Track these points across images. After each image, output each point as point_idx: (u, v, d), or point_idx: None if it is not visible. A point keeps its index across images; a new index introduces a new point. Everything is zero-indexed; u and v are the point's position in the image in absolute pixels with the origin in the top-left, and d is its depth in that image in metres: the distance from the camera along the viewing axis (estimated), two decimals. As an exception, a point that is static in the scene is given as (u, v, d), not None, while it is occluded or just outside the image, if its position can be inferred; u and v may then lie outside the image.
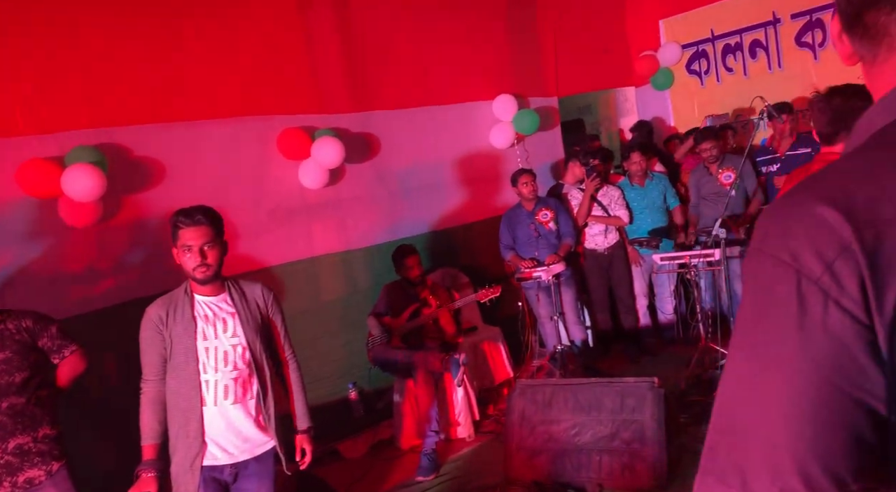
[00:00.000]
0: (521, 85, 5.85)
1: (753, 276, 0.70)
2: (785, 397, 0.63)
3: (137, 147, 3.85)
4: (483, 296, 4.71)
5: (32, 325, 2.72)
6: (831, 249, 0.63)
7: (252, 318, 2.72)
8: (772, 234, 0.69)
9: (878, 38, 0.74)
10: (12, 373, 2.60)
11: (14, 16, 3.39)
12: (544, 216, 5.18)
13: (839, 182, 0.66)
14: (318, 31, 4.65)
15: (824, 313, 0.63)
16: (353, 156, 4.69)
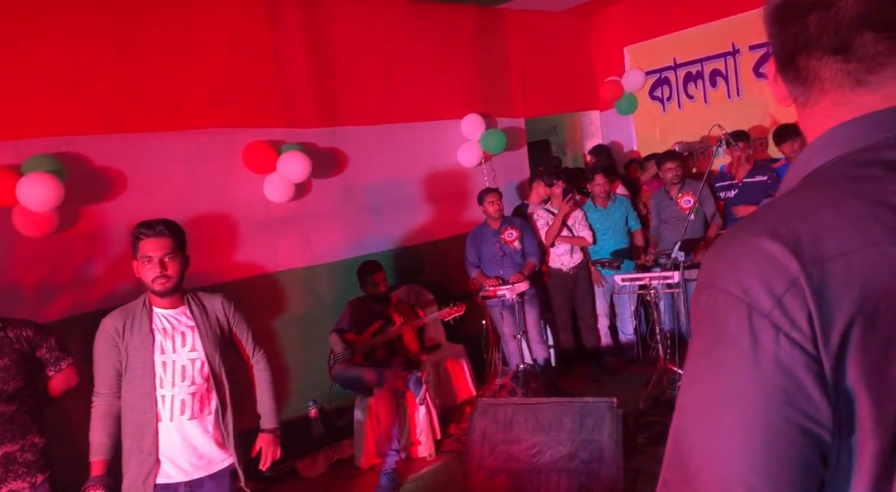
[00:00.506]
0: (489, 105, 5.92)
1: (704, 310, 0.71)
2: (738, 429, 0.65)
3: (98, 157, 3.78)
4: (447, 314, 4.72)
5: (33, 335, 2.70)
6: (780, 284, 0.65)
7: (212, 331, 2.68)
8: (721, 269, 0.70)
9: (810, 82, 0.76)
10: (7, 381, 2.57)
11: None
12: (510, 235, 5.23)
13: (783, 220, 0.69)
14: (287, 44, 4.65)
15: (776, 347, 0.64)
16: (319, 171, 4.68)
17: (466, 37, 5.81)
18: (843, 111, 0.75)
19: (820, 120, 0.77)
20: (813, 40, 0.73)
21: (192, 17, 4.18)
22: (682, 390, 0.72)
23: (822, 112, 0.77)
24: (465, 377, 5.29)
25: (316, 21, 4.81)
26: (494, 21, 6.02)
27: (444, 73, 5.61)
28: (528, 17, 6.24)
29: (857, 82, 0.73)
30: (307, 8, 4.75)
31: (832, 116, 0.76)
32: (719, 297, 0.69)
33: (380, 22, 5.18)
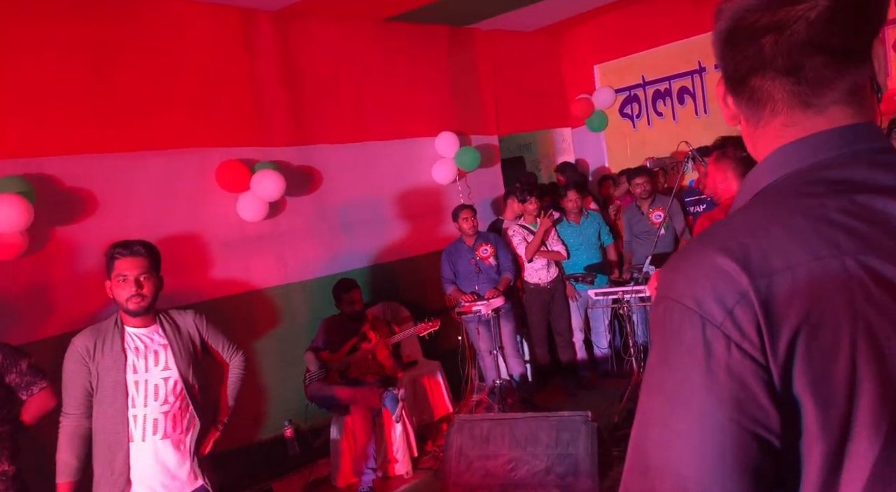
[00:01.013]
0: (462, 123, 5.99)
1: (661, 322, 0.74)
2: (693, 434, 0.68)
3: (68, 178, 3.75)
4: (422, 329, 4.73)
5: (2, 359, 2.64)
6: (731, 296, 0.69)
7: (185, 349, 2.68)
8: (676, 281, 0.74)
9: (763, 103, 0.79)
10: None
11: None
12: (484, 251, 5.27)
13: (734, 236, 0.72)
14: (260, 64, 4.68)
15: (727, 356, 0.68)
16: (293, 189, 4.68)
17: (439, 56, 5.89)
18: (792, 132, 0.78)
19: (769, 140, 0.80)
20: (768, 61, 0.76)
21: (165, 37, 4.19)
22: (641, 397, 0.75)
23: (772, 132, 0.80)
24: (441, 394, 5.29)
25: (289, 41, 4.84)
26: (466, 40, 6.11)
27: (417, 92, 5.67)
28: (498, 36, 6.34)
29: (805, 105, 0.77)
30: (280, 28, 4.78)
31: (781, 137, 0.79)
32: (675, 308, 0.72)
33: (352, 41, 5.23)
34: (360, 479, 4.20)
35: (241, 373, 2.95)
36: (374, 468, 4.21)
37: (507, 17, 5.93)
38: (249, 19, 4.59)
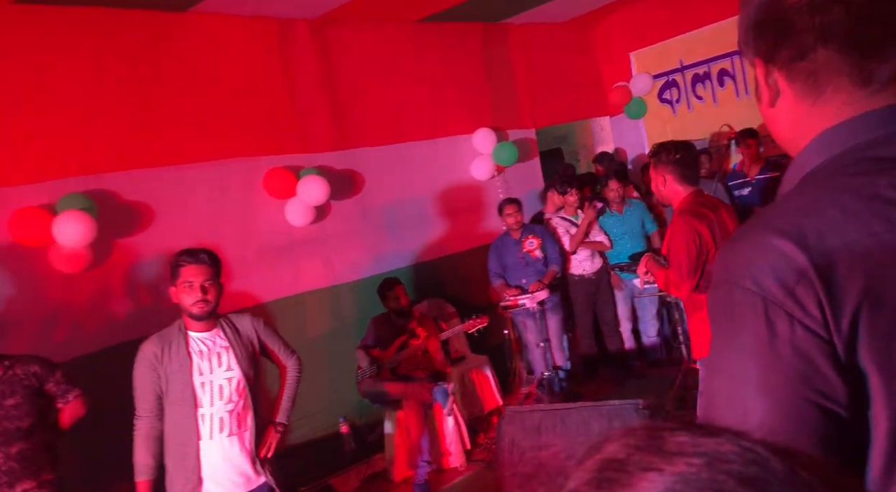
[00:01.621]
0: (499, 119, 6.02)
1: (721, 305, 0.77)
2: (762, 410, 0.71)
3: (126, 192, 3.94)
4: (470, 326, 4.79)
5: (40, 370, 2.80)
6: (791, 276, 0.71)
7: (245, 350, 2.80)
8: (735, 266, 0.76)
9: (825, 79, 0.78)
10: (22, 418, 2.67)
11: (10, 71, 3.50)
12: (531, 244, 5.28)
13: (789, 217, 0.75)
14: (299, 71, 4.80)
15: (791, 333, 0.71)
16: (337, 193, 4.80)
17: (473, 53, 5.93)
18: (849, 110, 0.78)
19: (825, 118, 0.80)
20: (832, 35, 0.74)
21: (209, 51, 4.34)
22: (706, 379, 0.78)
23: (830, 110, 0.79)
24: (490, 387, 5.35)
25: (326, 47, 4.96)
26: (499, 36, 6.14)
27: (453, 90, 5.73)
28: (532, 29, 6.35)
29: (867, 81, 0.77)
30: (317, 35, 4.90)
31: (838, 114, 0.79)
32: (735, 291, 0.74)
33: (387, 44, 5.32)
34: (415, 472, 4.29)
35: (298, 376, 3.06)
36: (429, 461, 4.30)
37: (539, 10, 5.93)
38: (287, 29, 4.71)
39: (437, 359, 4.67)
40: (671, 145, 3.18)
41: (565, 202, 5.62)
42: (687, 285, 3.08)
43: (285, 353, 3.01)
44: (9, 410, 2.64)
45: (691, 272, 3.05)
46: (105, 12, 3.83)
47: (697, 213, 3.07)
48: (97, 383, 3.48)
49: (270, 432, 2.92)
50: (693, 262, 3.03)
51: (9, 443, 2.62)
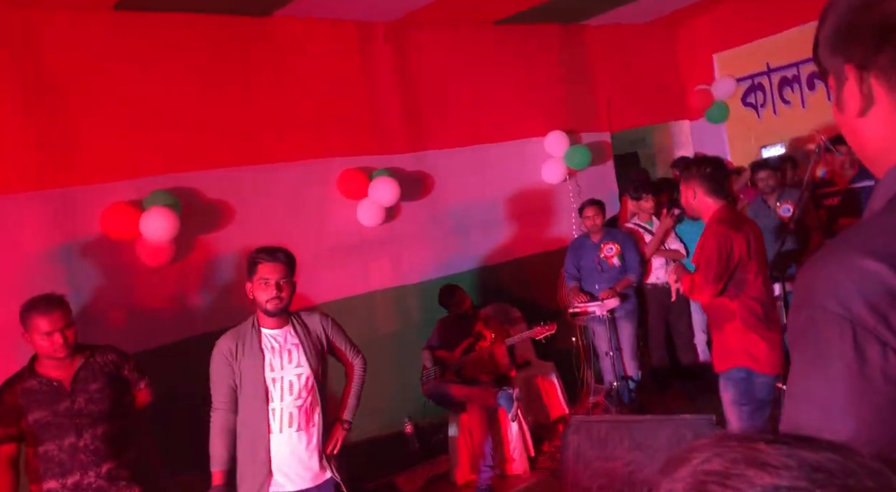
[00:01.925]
0: (572, 121, 5.93)
1: (805, 330, 0.72)
2: (854, 441, 0.66)
3: (208, 190, 4.11)
4: (538, 333, 4.72)
5: (116, 358, 2.98)
6: (883, 300, 0.67)
7: (314, 348, 2.87)
8: (819, 287, 0.71)
9: None
10: (104, 402, 2.84)
11: (104, 73, 3.71)
12: (609, 250, 5.13)
13: (878, 237, 0.70)
14: (376, 74, 4.88)
15: (883, 361, 0.66)
16: (408, 194, 4.85)
17: (550, 55, 5.87)
18: None
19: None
20: None
21: (290, 54, 4.47)
22: (789, 407, 0.73)
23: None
24: (556, 395, 5.27)
25: (402, 50, 5.01)
26: (577, 37, 6.04)
27: (527, 92, 5.69)
28: (611, 30, 6.22)
29: None
30: (394, 38, 4.97)
31: None
32: (819, 315, 0.70)
33: (463, 46, 5.33)
34: (478, 476, 4.28)
35: (363, 375, 3.11)
36: (492, 466, 4.28)
37: (619, 11, 5.81)
38: (365, 32, 4.80)
39: (502, 363, 4.64)
40: (701, 159, 3.28)
41: (640, 208, 5.47)
42: (709, 290, 3.10)
43: (352, 352, 3.07)
44: (93, 394, 2.82)
45: (717, 277, 3.08)
46: (196, 18, 4.01)
47: (734, 223, 3.14)
48: (173, 373, 3.66)
49: (337, 429, 2.97)
50: (721, 267, 3.06)
51: (95, 425, 2.80)
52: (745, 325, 3.16)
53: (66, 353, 2.77)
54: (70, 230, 3.57)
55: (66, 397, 2.77)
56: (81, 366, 2.84)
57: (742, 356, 3.20)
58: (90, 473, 2.77)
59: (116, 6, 3.68)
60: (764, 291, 3.21)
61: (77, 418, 2.76)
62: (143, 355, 3.38)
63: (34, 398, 2.74)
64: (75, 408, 2.77)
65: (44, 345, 2.73)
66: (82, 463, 2.75)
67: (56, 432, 2.73)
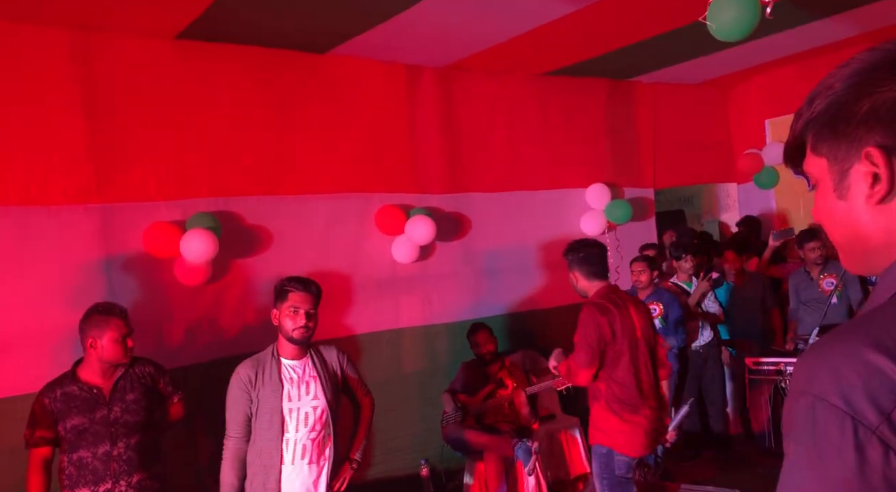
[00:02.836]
0: (616, 174, 5.92)
1: (802, 419, 0.69)
2: None
3: (249, 215, 4.22)
4: (561, 383, 4.63)
5: (154, 371, 3.08)
6: (887, 398, 0.63)
7: (330, 381, 2.89)
8: (821, 376, 0.68)
9: None
10: (140, 413, 2.92)
11: (160, 97, 3.90)
12: (653, 311, 5.03)
13: (886, 330, 0.67)
14: (422, 116, 4.97)
15: (884, 464, 0.63)
16: (443, 234, 4.88)
17: (597, 108, 5.90)
18: None
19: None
20: None
21: (339, 90, 4.61)
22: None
23: None
24: (578, 451, 5.13)
25: (449, 94, 5.12)
26: (626, 93, 6.07)
27: (571, 143, 5.71)
28: (661, 89, 6.23)
29: None
30: (442, 82, 5.08)
31: None
32: (819, 406, 0.67)
33: (509, 93, 5.41)
34: None
35: (371, 415, 3.13)
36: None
37: (671, 69, 5.82)
38: (414, 74, 4.92)
39: (522, 413, 4.55)
40: (576, 244, 3.45)
41: (679, 268, 5.38)
42: (583, 374, 3.24)
43: (363, 391, 3.08)
44: (129, 404, 2.89)
45: (588, 361, 3.20)
46: (254, 50, 4.18)
47: (601, 307, 3.27)
48: (202, 391, 3.72)
49: (346, 467, 2.97)
50: (591, 351, 3.18)
51: (129, 434, 2.87)
52: (608, 406, 3.28)
53: (128, 360, 2.92)
54: (113, 245, 3.71)
55: (103, 406, 2.84)
56: (121, 376, 2.93)
57: (603, 435, 3.33)
58: (121, 482, 2.82)
59: (179, 36, 3.87)
60: (629, 375, 3.27)
61: (112, 427, 2.83)
62: (174, 373, 3.44)
63: (74, 404, 2.81)
64: (111, 417, 2.84)
65: (113, 350, 2.85)
66: (115, 472, 2.81)
67: (91, 439, 2.80)
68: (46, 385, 2.88)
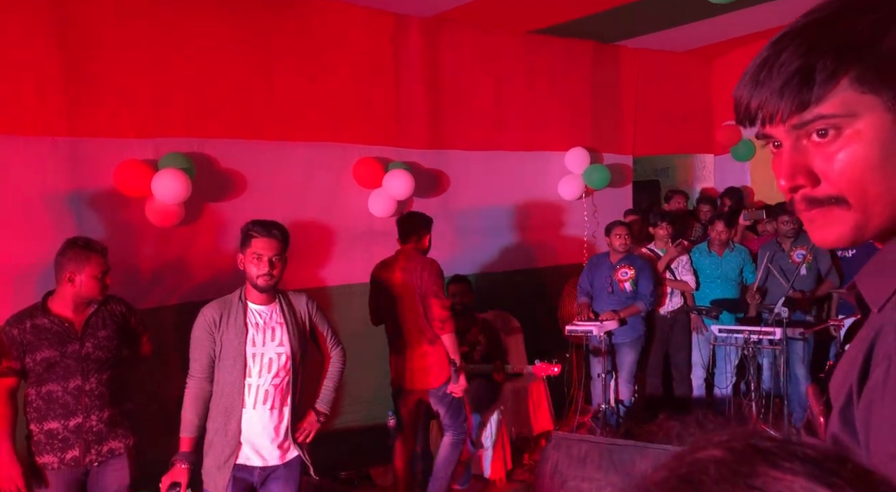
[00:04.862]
0: (596, 140, 5.91)
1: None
2: None
3: (224, 159, 4.13)
4: (540, 370, 4.65)
5: (125, 310, 3.05)
6: None
7: (298, 329, 2.86)
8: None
9: None
10: (112, 350, 2.91)
11: (135, 31, 3.76)
12: (623, 274, 5.06)
13: None
14: (406, 68, 4.89)
15: None
16: (421, 190, 4.85)
17: (581, 71, 5.86)
18: None
19: None
20: None
21: (323, 37, 4.50)
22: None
23: None
24: (544, 409, 5.22)
25: (435, 47, 5.03)
26: (611, 57, 6.03)
27: (554, 105, 5.67)
28: (646, 55, 6.20)
29: None
30: (428, 34, 4.98)
31: None
32: None
33: (496, 51, 5.34)
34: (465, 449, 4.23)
35: (342, 367, 3.07)
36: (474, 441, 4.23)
37: (656, 36, 5.79)
38: (401, 24, 4.82)
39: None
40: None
41: (655, 235, 5.45)
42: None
43: (332, 341, 3.03)
44: (102, 340, 2.88)
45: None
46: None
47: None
48: (170, 334, 3.69)
49: (311, 418, 2.94)
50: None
51: (101, 370, 2.86)
52: None
53: (104, 297, 2.90)
54: (83, 180, 3.61)
55: (75, 340, 2.82)
56: (94, 312, 2.90)
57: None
58: (93, 417, 2.82)
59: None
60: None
61: (84, 362, 2.81)
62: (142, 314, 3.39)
63: (45, 337, 2.78)
64: (83, 352, 2.82)
65: (92, 286, 2.82)
66: (86, 406, 2.80)
67: (62, 373, 2.78)
68: (14, 316, 2.83)
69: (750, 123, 0.78)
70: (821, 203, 0.75)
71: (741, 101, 0.78)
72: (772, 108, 0.74)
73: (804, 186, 0.75)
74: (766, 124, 0.76)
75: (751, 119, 0.78)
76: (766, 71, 0.75)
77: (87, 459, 2.81)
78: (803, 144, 0.75)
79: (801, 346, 4.88)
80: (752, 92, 0.76)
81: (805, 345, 4.91)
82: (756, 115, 0.77)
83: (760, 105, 0.76)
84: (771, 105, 0.74)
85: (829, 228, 0.76)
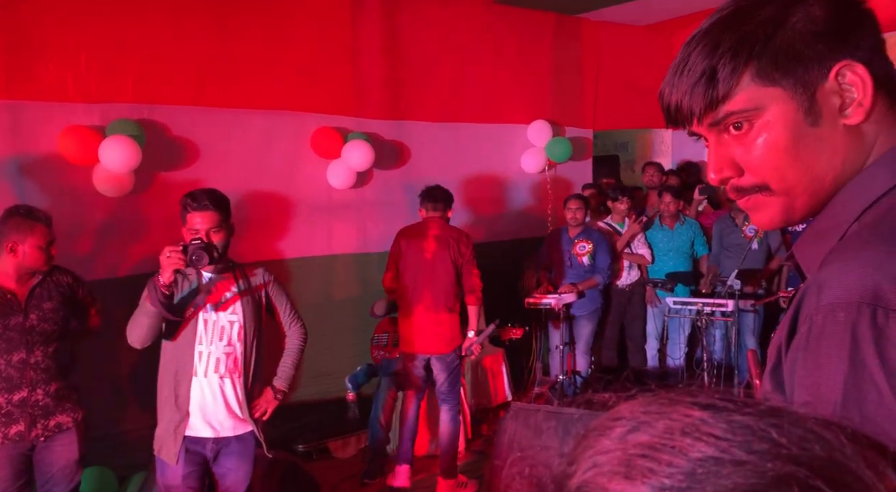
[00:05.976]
0: (558, 113, 5.90)
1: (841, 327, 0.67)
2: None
3: (175, 126, 4.00)
4: (505, 334, 4.68)
5: (72, 281, 2.96)
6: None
7: (253, 300, 2.80)
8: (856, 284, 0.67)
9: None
10: (58, 322, 2.82)
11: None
12: (581, 248, 5.11)
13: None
14: (365, 37, 4.78)
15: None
16: (382, 161, 4.78)
17: (542, 43, 5.82)
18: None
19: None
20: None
21: (283, 5, 4.36)
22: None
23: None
24: (502, 381, 5.29)
25: (395, 16, 4.93)
26: (572, 29, 6.00)
27: (515, 78, 5.63)
28: (607, 28, 6.19)
29: None
30: (389, 4, 4.87)
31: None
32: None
33: (457, 22, 5.26)
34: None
35: (302, 345, 2.98)
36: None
37: (618, 9, 5.78)
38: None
39: None
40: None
41: (614, 209, 5.50)
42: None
43: (290, 317, 2.95)
44: (47, 312, 2.79)
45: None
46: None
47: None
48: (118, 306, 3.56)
49: (269, 395, 2.88)
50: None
51: (47, 343, 2.78)
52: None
53: (48, 268, 2.81)
54: (24, 145, 3.45)
55: (18, 312, 2.73)
56: (38, 283, 2.81)
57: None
58: (38, 390, 2.74)
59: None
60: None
61: (29, 335, 2.73)
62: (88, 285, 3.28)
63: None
64: (27, 325, 2.73)
65: (36, 257, 2.73)
66: (31, 380, 2.73)
67: (5, 346, 2.69)
68: None
69: (677, 124, 0.83)
70: (748, 191, 0.80)
71: (663, 104, 0.83)
72: (687, 109, 0.79)
73: (731, 177, 0.80)
74: (688, 124, 0.81)
75: (675, 120, 0.82)
76: (678, 74, 0.79)
77: (33, 434, 2.74)
78: (724, 139, 0.79)
79: (751, 317, 5.02)
80: (670, 95, 0.81)
81: (756, 317, 5.05)
82: (677, 116, 0.81)
83: (678, 107, 0.80)
84: (686, 106, 0.79)
85: (760, 212, 0.81)
